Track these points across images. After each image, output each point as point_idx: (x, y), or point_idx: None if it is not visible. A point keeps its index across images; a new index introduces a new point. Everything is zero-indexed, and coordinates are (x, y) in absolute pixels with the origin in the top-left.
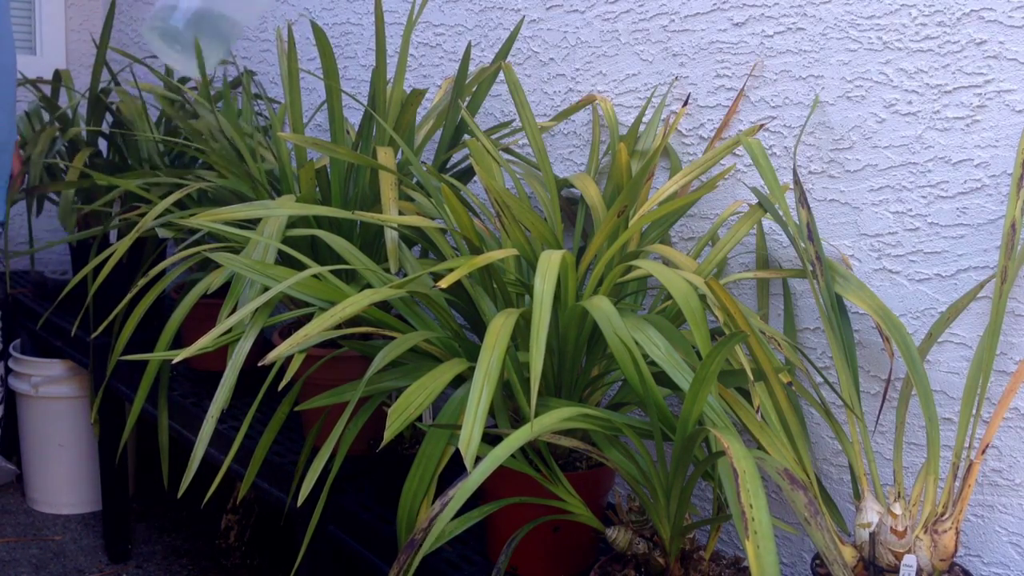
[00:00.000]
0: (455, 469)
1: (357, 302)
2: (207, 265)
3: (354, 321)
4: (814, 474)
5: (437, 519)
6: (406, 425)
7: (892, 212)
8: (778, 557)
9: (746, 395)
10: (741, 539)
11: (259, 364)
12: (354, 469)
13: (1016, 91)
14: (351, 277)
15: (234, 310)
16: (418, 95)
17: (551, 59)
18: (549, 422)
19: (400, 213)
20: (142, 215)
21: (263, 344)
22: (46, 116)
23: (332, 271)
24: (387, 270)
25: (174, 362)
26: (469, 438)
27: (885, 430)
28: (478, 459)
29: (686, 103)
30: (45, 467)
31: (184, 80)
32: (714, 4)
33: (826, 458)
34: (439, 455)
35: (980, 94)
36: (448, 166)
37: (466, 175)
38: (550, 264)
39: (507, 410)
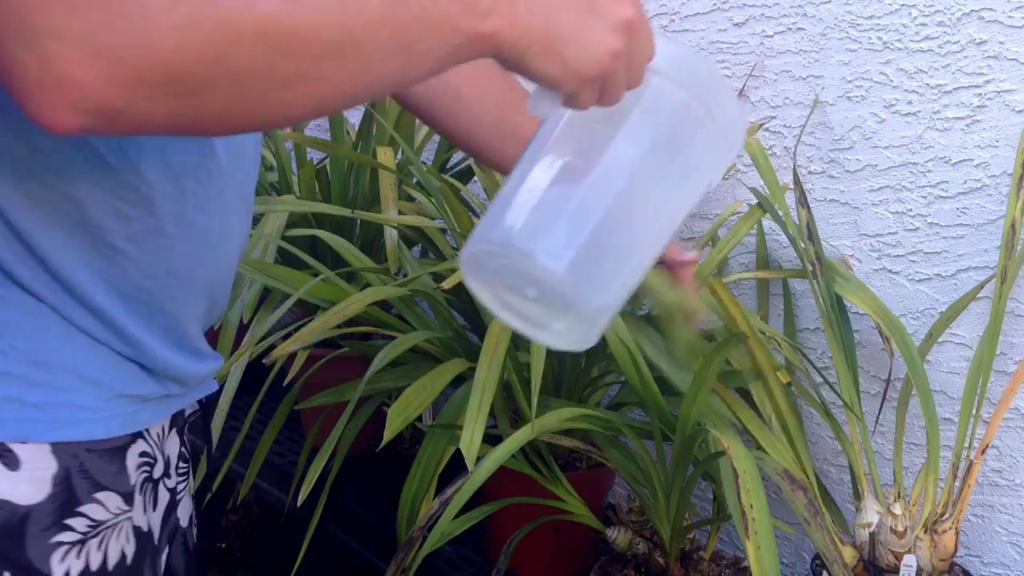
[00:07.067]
0: (455, 469)
1: (358, 301)
2: None
3: (354, 321)
4: (814, 474)
5: (440, 519)
6: (406, 425)
7: (892, 212)
8: (778, 557)
9: (745, 395)
10: (742, 539)
11: (263, 361)
12: (354, 469)
13: (1016, 91)
14: (351, 277)
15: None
16: None
17: None
18: (550, 422)
19: (400, 213)
20: None
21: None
22: None
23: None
24: (387, 270)
25: None
26: (470, 441)
27: (885, 430)
28: (479, 459)
29: None
30: None
31: None
32: (714, 4)
33: (826, 458)
34: (440, 455)
35: (980, 94)
36: (448, 166)
37: (466, 175)
38: None
39: (507, 410)
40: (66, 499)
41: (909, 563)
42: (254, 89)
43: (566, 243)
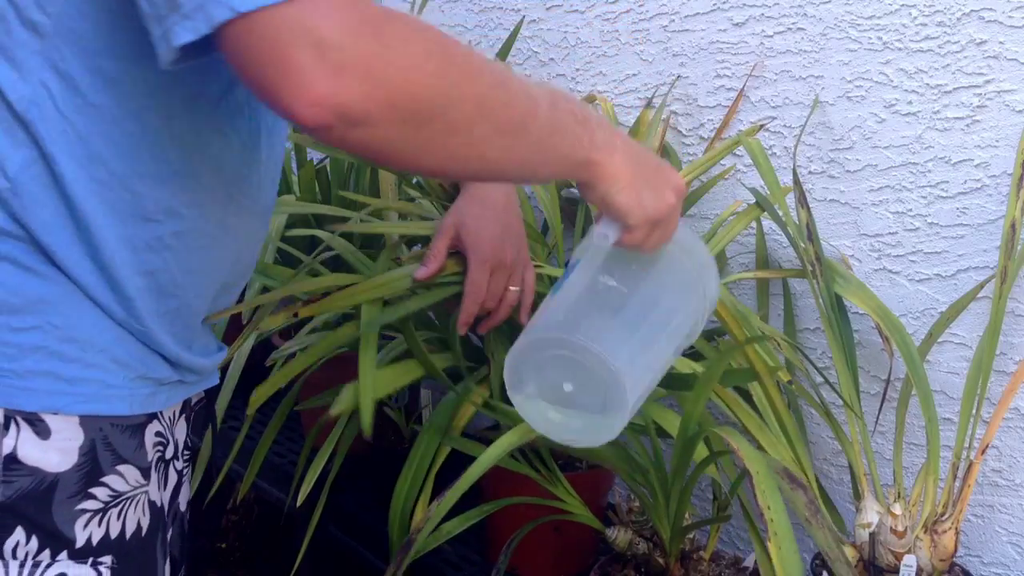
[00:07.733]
0: (455, 469)
1: (333, 280)
2: None
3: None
4: (813, 474)
5: (430, 518)
6: (358, 403)
7: (892, 212)
8: (800, 556)
9: (744, 395)
10: (755, 543)
11: (265, 363)
12: (354, 469)
13: (1016, 91)
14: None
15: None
16: None
17: (551, 59)
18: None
19: (400, 213)
20: None
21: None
22: None
23: (332, 269)
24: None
25: None
26: (353, 394)
27: (885, 430)
28: (472, 459)
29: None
30: None
31: None
32: (714, 4)
33: (826, 458)
34: (432, 454)
35: (980, 94)
36: None
37: None
38: None
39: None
40: (91, 469)
41: (909, 563)
42: (453, 139)
43: (619, 344)
